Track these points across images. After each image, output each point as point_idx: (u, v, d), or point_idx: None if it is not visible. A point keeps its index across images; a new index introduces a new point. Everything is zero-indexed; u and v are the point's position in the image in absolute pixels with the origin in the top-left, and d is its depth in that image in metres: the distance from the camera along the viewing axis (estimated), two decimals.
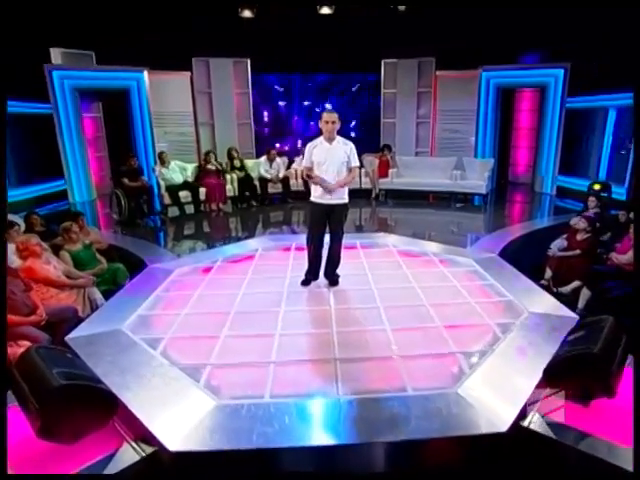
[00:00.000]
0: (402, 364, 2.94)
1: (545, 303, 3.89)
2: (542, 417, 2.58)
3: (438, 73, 9.63)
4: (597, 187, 7.41)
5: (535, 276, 4.79)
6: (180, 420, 2.41)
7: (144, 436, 2.41)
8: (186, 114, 9.63)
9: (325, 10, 8.78)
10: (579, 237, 5.21)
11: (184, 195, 7.87)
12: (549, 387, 2.76)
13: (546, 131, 9.07)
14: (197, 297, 4.07)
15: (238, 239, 6.46)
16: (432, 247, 5.56)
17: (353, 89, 11.04)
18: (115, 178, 7.77)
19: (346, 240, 4.37)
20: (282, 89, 10.94)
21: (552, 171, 9.08)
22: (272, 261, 5.13)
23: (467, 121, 9.69)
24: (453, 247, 5.51)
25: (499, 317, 3.64)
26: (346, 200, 4.13)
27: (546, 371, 2.77)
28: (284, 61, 10.12)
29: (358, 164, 4.21)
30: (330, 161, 3.97)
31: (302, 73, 10.71)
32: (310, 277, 4.34)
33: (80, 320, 3.79)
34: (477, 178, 8.63)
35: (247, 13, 8.75)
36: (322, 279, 4.38)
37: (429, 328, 3.45)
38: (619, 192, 7.79)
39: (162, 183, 7.73)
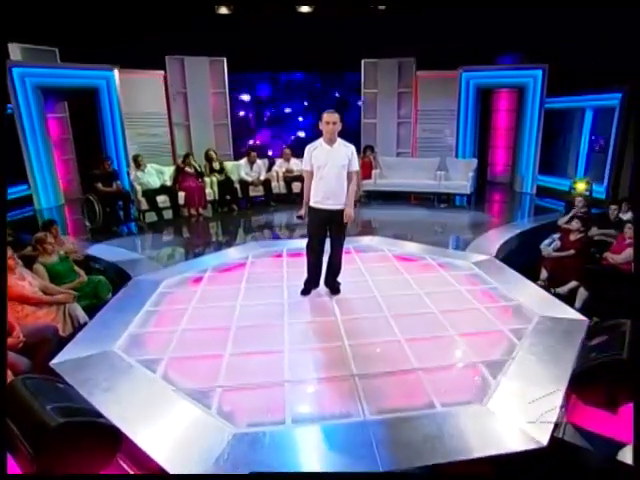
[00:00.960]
0: (424, 377, 2.81)
1: (551, 306, 3.87)
2: (572, 426, 2.51)
3: (418, 73, 9.64)
4: (582, 187, 7.58)
5: (529, 277, 4.79)
6: (196, 454, 2.18)
7: (155, 472, 2.17)
8: (160, 115, 9.24)
9: (304, 9, 8.62)
10: (572, 237, 5.26)
11: (162, 200, 7.51)
12: (576, 395, 2.70)
13: (525, 131, 9.23)
14: (191, 311, 3.81)
15: (224, 246, 6.19)
16: (427, 250, 5.49)
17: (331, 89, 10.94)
18: (87, 183, 7.29)
19: None
20: (260, 89, 10.66)
21: (532, 171, 9.25)
22: (265, 269, 4.92)
23: (447, 121, 9.75)
24: (448, 250, 5.46)
25: (510, 322, 3.59)
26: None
27: (574, 379, 2.72)
28: (262, 60, 9.86)
29: (358, 169, 4.06)
30: (331, 164, 3.79)
31: (280, 72, 10.49)
32: (311, 286, 4.16)
33: (61, 340, 3.48)
34: (460, 178, 8.67)
35: (223, 10, 8.47)
36: (322, 287, 4.21)
37: (443, 337, 3.35)
38: (599, 190, 8.00)
39: (138, 188, 7.34)
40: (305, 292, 4.12)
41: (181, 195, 7.67)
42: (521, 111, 9.47)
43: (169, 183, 7.79)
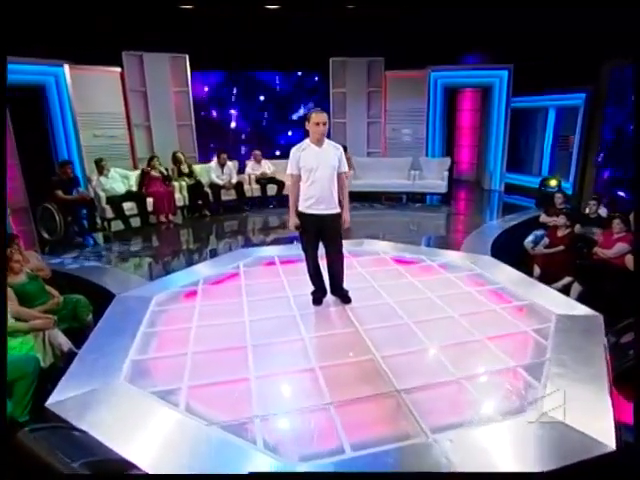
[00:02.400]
0: (469, 387, 2.71)
1: (562, 303, 3.92)
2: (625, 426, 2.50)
3: (387, 73, 9.67)
4: (552, 183, 7.91)
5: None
6: None
7: None
8: (117, 115, 8.59)
9: (271, 5, 8.36)
10: (560, 233, 5.42)
11: (128, 207, 6.97)
12: (622, 393, 2.70)
13: (492, 130, 9.53)
14: (196, 331, 3.47)
15: (208, 255, 5.83)
16: (422, 251, 5.45)
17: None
18: (46, 190, 6.58)
19: None
20: (225, 87, 10.24)
21: (500, 168, 9.57)
22: (261, 279, 4.64)
23: (416, 121, 9.86)
24: (444, 250, 5.45)
25: (530, 322, 3.58)
26: (339, 209, 3.80)
27: (618, 378, 2.73)
28: (226, 58, 9.47)
29: (347, 169, 3.92)
30: (322, 166, 3.61)
31: (246, 71, 10.13)
32: (320, 294, 3.96)
33: (44, 374, 3.05)
34: (434, 177, 8.79)
35: (185, 4, 8.01)
36: (329, 296, 4.02)
37: (472, 342, 3.27)
38: (565, 187, 8.39)
39: (102, 194, 6.76)
40: (317, 302, 3.91)
41: (149, 201, 7.15)
42: (487, 110, 9.77)
43: (135, 189, 7.25)
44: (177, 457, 2.14)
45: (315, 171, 3.59)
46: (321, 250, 3.87)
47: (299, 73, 10.35)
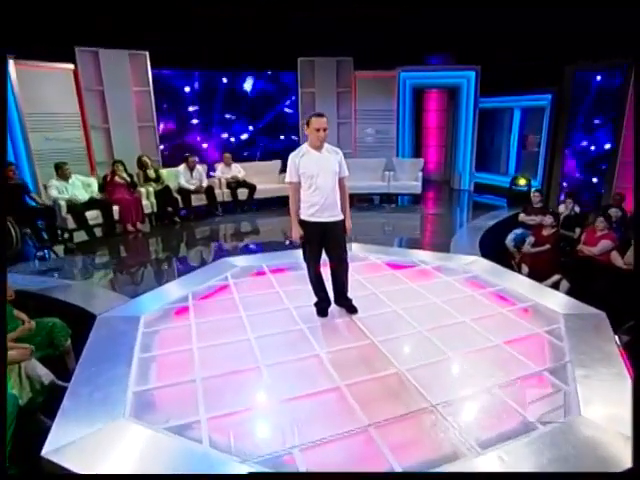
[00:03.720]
0: (503, 395, 2.65)
1: (564, 302, 3.99)
2: None
3: (357, 73, 9.65)
4: (522, 182, 8.18)
5: None
6: None
7: None
8: (72, 115, 7.97)
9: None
10: (545, 232, 5.59)
11: (92, 216, 6.46)
12: None
13: (461, 130, 9.76)
14: (199, 353, 3.20)
15: (189, 266, 5.51)
16: (413, 255, 5.42)
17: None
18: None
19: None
20: (188, 88, 9.79)
21: (469, 168, 9.82)
22: (255, 291, 4.40)
23: (387, 121, 9.92)
24: (435, 253, 5.44)
25: (541, 324, 3.61)
26: (342, 216, 3.69)
27: None
28: (188, 56, 9.06)
29: (348, 174, 3.81)
30: (324, 172, 3.49)
31: (210, 70, 9.74)
32: (325, 305, 3.80)
33: (22, 413, 2.70)
34: (409, 178, 8.87)
35: None
36: (334, 306, 3.88)
37: (492, 348, 3.24)
38: (533, 185, 8.72)
39: (62, 203, 6.21)
40: (323, 313, 3.75)
41: (115, 209, 6.68)
42: (454, 111, 10.00)
43: (98, 196, 6.75)
44: None
45: (317, 177, 3.47)
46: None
47: (269, 72, 10.09)
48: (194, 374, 2.93)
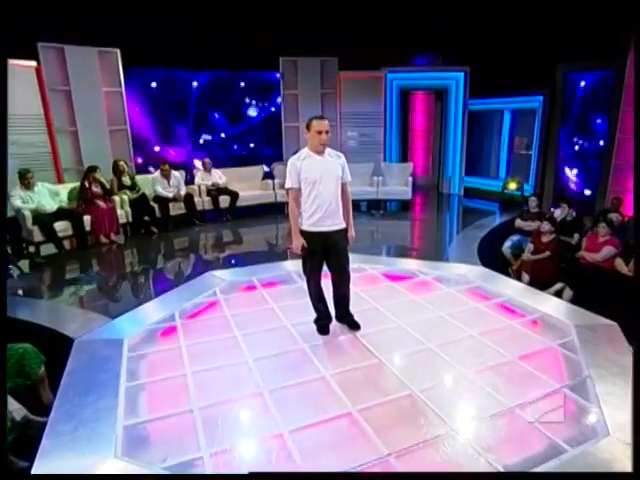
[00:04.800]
0: (526, 416, 2.62)
1: (574, 312, 4.03)
2: None
3: (341, 74, 9.65)
4: (513, 186, 8.30)
5: None
6: None
7: None
8: (35, 117, 7.66)
9: None
10: (545, 239, 5.63)
11: (61, 227, 6.20)
12: None
13: (450, 133, 9.87)
14: (194, 380, 3.06)
15: (172, 281, 5.34)
16: (411, 264, 5.41)
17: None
18: None
19: None
20: (159, 88, 9.57)
21: (459, 172, 9.92)
22: (247, 308, 4.27)
23: (373, 124, 9.94)
24: (434, 262, 5.44)
25: (553, 337, 3.62)
26: (345, 224, 3.63)
27: None
28: (163, 54, 8.87)
29: (350, 179, 3.75)
30: (327, 177, 3.43)
31: (186, 69, 9.56)
32: (326, 321, 3.72)
33: None
34: (398, 183, 8.89)
35: None
36: (334, 322, 3.80)
37: (506, 364, 3.22)
38: (525, 189, 8.87)
39: (27, 213, 5.94)
40: (324, 330, 3.66)
41: (86, 219, 6.43)
42: (442, 113, 10.10)
43: (67, 205, 6.49)
44: None
45: (319, 183, 3.40)
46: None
47: (247, 73, 9.97)
48: (190, 403, 2.80)
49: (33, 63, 7.60)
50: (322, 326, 3.68)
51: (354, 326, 3.73)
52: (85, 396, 2.88)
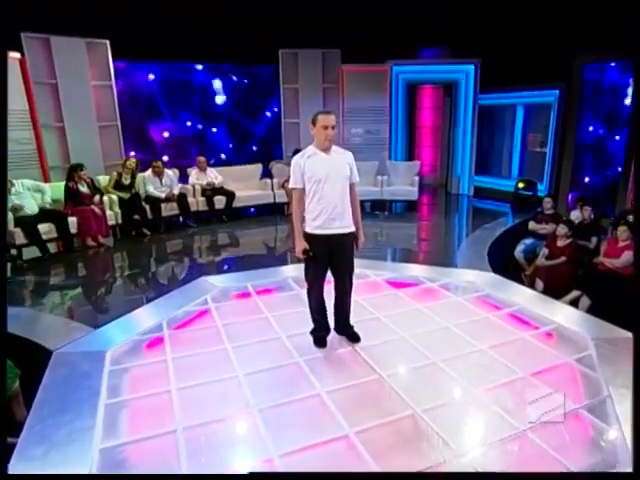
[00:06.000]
0: (540, 441, 2.51)
1: (590, 323, 3.93)
2: None
3: (344, 67, 9.55)
4: (521, 185, 8.19)
5: None
6: None
7: None
8: (19, 112, 7.60)
9: None
10: (560, 243, 5.53)
11: (45, 229, 6.14)
12: None
13: (459, 130, 9.75)
14: (180, 396, 2.97)
15: (162, 288, 5.26)
16: (416, 270, 5.31)
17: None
18: None
19: None
20: (154, 81, 9.52)
21: (468, 172, 9.81)
22: (240, 317, 4.18)
23: (378, 120, 9.84)
24: (441, 268, 5.33)
25: (569, 351, 3.51)
26: (354, 227, 3.54)
27: None
28: (154, 46, 8.81)
29: (359, 179, 3.65)
30: (334, 176, 3.33)
31: (179, 62, 9.51)
32: (324, 333, 3.64)
33: None
34: (404, 183, 8.79)
35: None
36: (333, 334, 3.71)
37: (517, 381, 3.12)
38: (539, 189, 8.76)
39: (8, 215, 5.87)
40: (321, 343, 3.57)
41: (72, 221, 6.36)
42: (451, 108, 9.99)
43: (51, 205, 6.43)
44: None
45: (324, 183, 3.30)
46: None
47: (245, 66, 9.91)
48: (174, 423, 2.71)
49: (17, 55, 7.54)
50: (319, 338, 3.59)
51: (354, 338, 3.63)
52: (60, 415, 2.79)
